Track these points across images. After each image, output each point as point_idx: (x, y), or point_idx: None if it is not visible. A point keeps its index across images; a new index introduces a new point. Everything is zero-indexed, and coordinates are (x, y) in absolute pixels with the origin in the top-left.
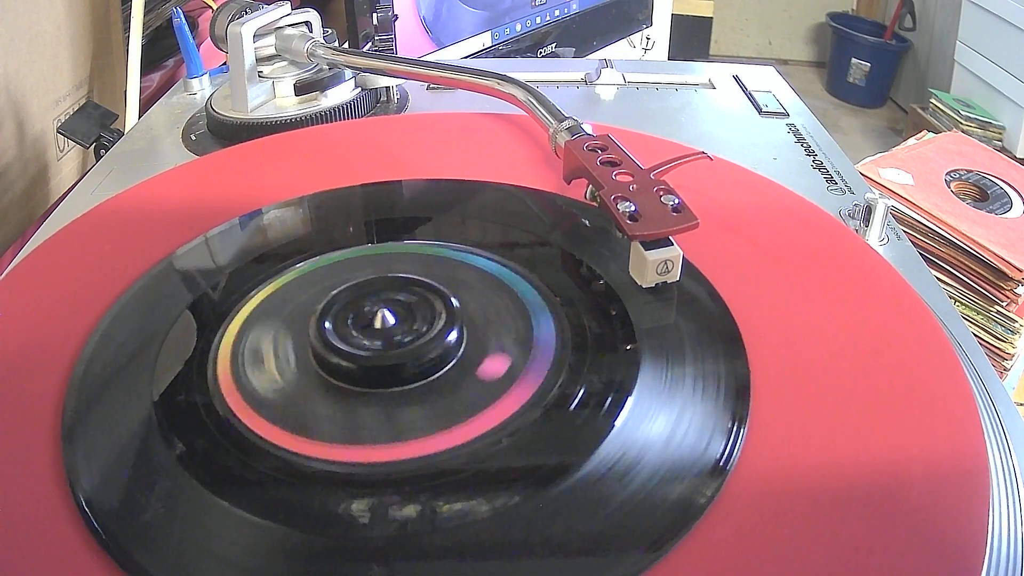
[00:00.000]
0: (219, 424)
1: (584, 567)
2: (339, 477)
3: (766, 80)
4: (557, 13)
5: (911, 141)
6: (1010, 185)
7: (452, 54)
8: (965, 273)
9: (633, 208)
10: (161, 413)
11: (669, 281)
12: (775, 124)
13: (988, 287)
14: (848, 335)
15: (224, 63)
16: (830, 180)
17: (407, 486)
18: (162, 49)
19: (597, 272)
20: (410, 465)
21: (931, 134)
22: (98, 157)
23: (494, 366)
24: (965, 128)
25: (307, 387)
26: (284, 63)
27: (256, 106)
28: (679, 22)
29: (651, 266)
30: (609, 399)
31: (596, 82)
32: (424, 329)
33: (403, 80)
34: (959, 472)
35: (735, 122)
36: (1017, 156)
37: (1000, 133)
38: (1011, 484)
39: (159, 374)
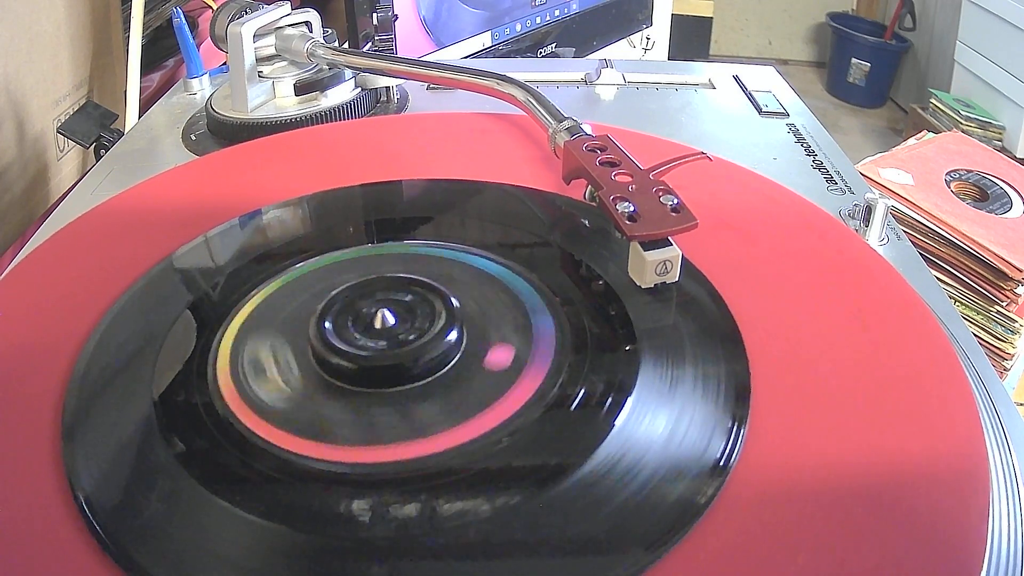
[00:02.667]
0: (219, 424)
1: (584, 567)
2: (339, 477)
3: (766, 80)
4: (557, 13)
5: (911, 141)
6: (1010, 185)
7: (452, 54)
8: (965, 273)
9: (632, 208)
10: (161, 413)
11: (668, 282)
12: (775, 124)
13: (988, 287)
14: (848, 335)
15: (224, 63)
16: (830, 180)
17: (407, 486)
18: (162, 49)
19: (597, 272)
20: (410, 465)
21: (931, 134)
22: (98, 157)
23: (498, 356)
24: (965, 128)
25: (307, 387)
26: (284, 63)
27: (256, 106)
28: (679, 22)
29: (650, 267)
30: (609, 399)
31: (596, 82)
32: (424, 329)
33: (403, 80)
34: (959, 472)
35: (735, 122)
36: (1017, 156)
37: (1000, 133)
38: (1011, 484)
39: (159, 374)
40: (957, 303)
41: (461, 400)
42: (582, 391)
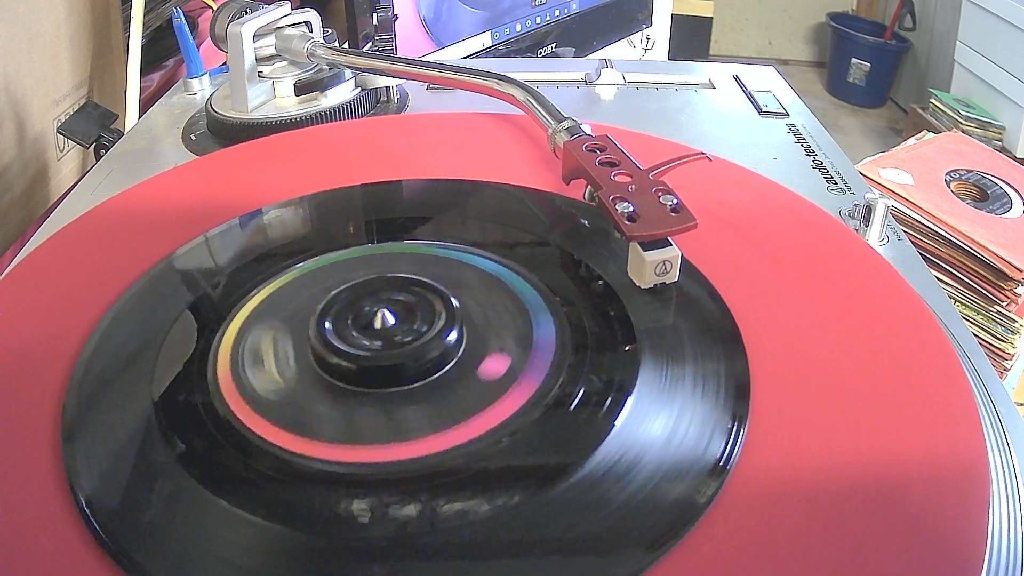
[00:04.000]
0: (219, 424)
1: (584, 567)
2: (339, 477)
3: (766, 80)
4: (557, 13)
5: (911, 141)
6: (1010, 185)
7: (452, 54)
8: (965, 273)
9: (631, 209)
10: (161, 413)
11: (667, 282)
12: (775, 124)
13: (988, 287)
14: (848, 335)
15: (224, 63)
16: (830, 180)
17: (407, 486)
18: (162, 49)
19: (596, 272)
20: (410, 465)
21: (931, 134)
22: (98, 157)
23: (494, 366)
24: (965, 128)
25: (307, 387)
26: (284, 63)
27: (256, 106)
28: (679, 22)
29: (649, 267)
30: (609, 399)
31: (596, 82)
32: (424, 329)
33: (403, 80)
34: (959, 472)
35: (735, 122)
36: (1017, 156)
37: (1000, 133)
38: (1011, 484)
39: (159, 374)
40: (957, 303)
41: (461, 400)
42: (582, 391)
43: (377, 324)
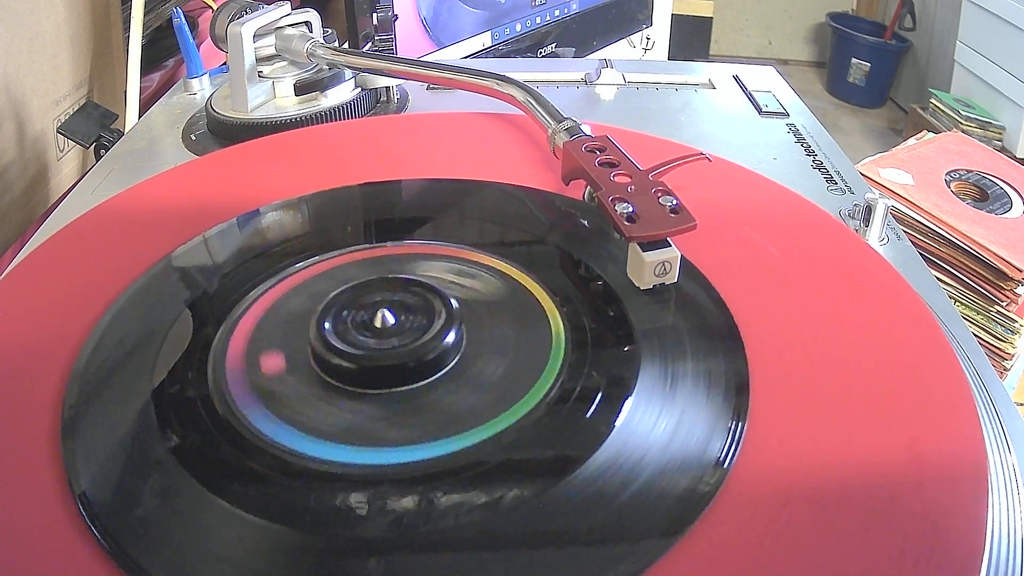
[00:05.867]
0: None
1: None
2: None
3: (766, 80)
4: (557, 13)
5: (911, 141)
6: (1010, 185)
7: (452, 54)
8: (965, 273)
9: (631, 209)
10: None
11: (667, 283)
12: (775, 124)
13: (988, 287)
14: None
15: (224, 63)
16: (830, 180)
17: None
18: (162, 49)
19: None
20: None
21: (931, 134)
22: (98, 157)
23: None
24: (965, 128)
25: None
26: (284, 63)
27: (256, 106)
28: (679, 22)
29: (649, 268)
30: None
31: (596, 82)
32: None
33: (403, 80)
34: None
35: (735, 122)
36: (1017, 156)
37: (1000, 133)
38: (1011, 484)
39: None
40: (957, 303)
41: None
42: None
43: (377, 324)
